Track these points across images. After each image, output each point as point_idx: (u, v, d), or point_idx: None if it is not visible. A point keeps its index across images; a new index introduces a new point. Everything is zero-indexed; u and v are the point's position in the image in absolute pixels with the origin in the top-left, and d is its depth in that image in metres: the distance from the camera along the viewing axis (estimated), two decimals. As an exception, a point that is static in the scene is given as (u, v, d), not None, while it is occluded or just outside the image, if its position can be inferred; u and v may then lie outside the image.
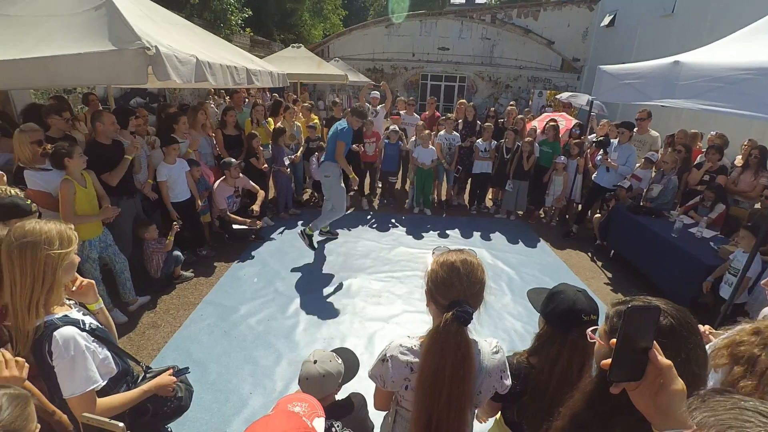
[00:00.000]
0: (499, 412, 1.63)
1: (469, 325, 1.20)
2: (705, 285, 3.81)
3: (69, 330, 1.35)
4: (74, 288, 1.55)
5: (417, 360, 1.26)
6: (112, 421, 0.79)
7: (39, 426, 0.99)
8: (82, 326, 1.42)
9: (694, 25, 12.18)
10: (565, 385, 1.28)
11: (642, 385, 0.74)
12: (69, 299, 1.55)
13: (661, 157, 5.81)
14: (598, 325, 1.38)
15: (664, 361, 0.73)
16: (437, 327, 1.20)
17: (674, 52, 4.57)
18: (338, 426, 1.66)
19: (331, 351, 1.81)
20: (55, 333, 1.32)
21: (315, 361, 1.68)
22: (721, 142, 5.71)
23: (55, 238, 1.36)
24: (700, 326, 0.99)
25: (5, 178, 3.17)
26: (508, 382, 1.34)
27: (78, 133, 4.40)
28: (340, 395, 1.87)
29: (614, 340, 0.74)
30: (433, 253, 1.35)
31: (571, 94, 12.04)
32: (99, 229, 3.52)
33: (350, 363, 1.83)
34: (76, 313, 1.47)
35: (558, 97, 12.92)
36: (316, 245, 5.00)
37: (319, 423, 0.95)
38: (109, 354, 1.49)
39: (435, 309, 1.28)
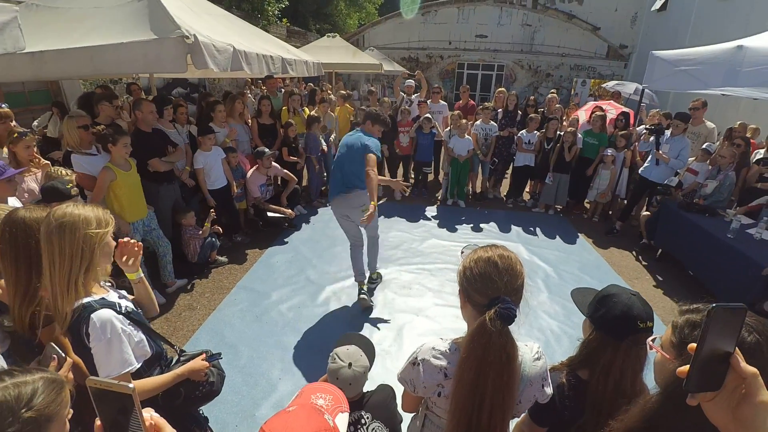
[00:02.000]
0: None
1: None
2: (766, 270, 3.50)
3: (106, 312, 1.37)
4: (119, 249, 1.56)
5: (451, 365, 1.17)
6: (122, 383, 0.77)
7: (72, 411, 0.99)
8: (118, 309, 1.44)
9: (757, 7, 11.18)
10: (619, 396, 1.16)
11: (719, 396, 0.64)
12: (107, 282, 1.59)
13: (717, 151, 5.37)
14: (652, 332, 1.26)
15: (749, 368, 0.63)
16: (479, 326, 1.08)
17: (734, 38, 4.18)
18: (368, 417, 1.63)
19: (346, 344, 1.78)
20: (92, 315, 1.35)
21: (350, 365, 1.66)
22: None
23: (92, 219, 1.39)
24: None
25: (51, 165, 3.33)
26: (550, 390, 1.23)
27: (122, 121, 4.57)
28: (369, 386, 1.84)
29: (693, 345, 0.65)
30: (462, 253, 1.25)
31: (617, 82, 11.31)
32: (143, 211, 3.64)
33: (369, 351, 1.82)
34: (113, 296, 1.50)
35: (604, 86, 12.23)
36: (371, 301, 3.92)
37: (343, 419, 0.90)
38: (144, 337, 1.51)
39: (472, 310, 1.17)
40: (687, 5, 14.78)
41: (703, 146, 5.22)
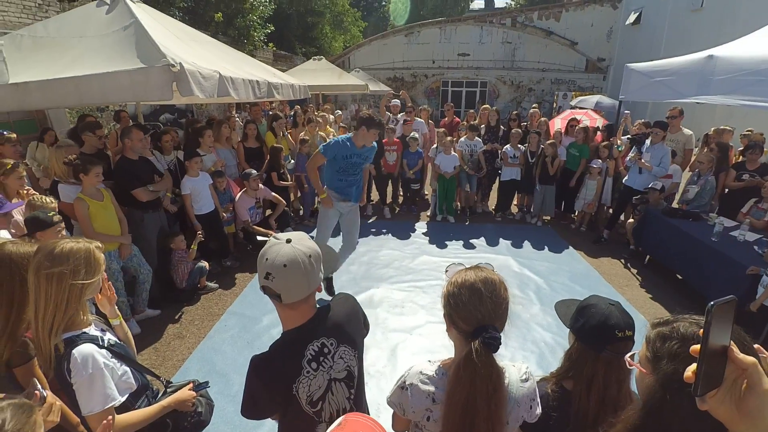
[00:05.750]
0: None
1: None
2: (751, 269, 3.57)
3: (87, 347, 1.35)
4: (100, 296, 1.57)
5: (438, 390, 1.16)
6: None
7: None
8: (100, 343, 1.42)
9: (725, 19, 11.69)
10: (606, 406, 1.17)
11: (721, 391, 0.63)
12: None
13: (695, 157, 5.51)
14: (633, 341, 1.27)
15: (747, 358, 0.62)
16: (466, 358, 1.08)
17: (705, 47, 4.35)
18: (332, 343, 1.31)
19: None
20: (73, 351, 1.33)
21: (289, 240, 1.19)
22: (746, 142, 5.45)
23: (81, 266, 1.37)
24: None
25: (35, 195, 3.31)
26: (539, 411, 1.22)
27: (108, 150, 4.56)
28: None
29: (696, 347, 0.63)
30: (447, 271, 1.23)
31: (579, 99, 11.91)
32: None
33: (325, 251, 1.43)
34: (94, 330, 1.47)
35: (573, 103, 12.71)
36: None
37: None
38: (128, 369, 1.48)
39: (456, 334, 1.16)
40: (660, 18, 15.38)
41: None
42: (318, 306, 1.35)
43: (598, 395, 1.21)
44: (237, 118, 9.21)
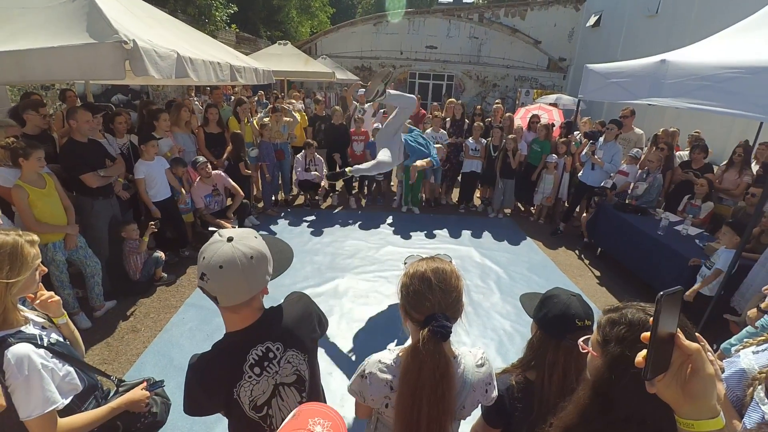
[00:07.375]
0: None
1: (453, 332, 1.14)
2: (692, 260, 3.86)
3: (22, 348, 1.26)
4: (37, 302, 1.46)
5: (395, 378, 1.19)
6: None
7: None
8: (39, 342, 1.32)
9: (678, 25, 12.36)
10: (566, 395, 1.23)
11: (668, 375, 0.68)
12: (30, 309, 1.46)
13: (645, 155, 5.85)
14: (592, 330, 1.34)
15: (692, 344, 0.67)
16: (413, 347, 1.12)
17: (659, 52, 4.59)
18: (278, 348, 1.23)
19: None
20: (6, 351, 1.24)
21: (230, 239, 1.10)
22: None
23: (5, 263, 1.27)
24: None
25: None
26: (494, 394, 1.27)
27: (53, 132, 4.24)
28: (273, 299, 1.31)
29: (647, 334, 0.67)
30: (405, 263, 1.26)
31: (557, 96, 12.42)
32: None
33: (280, 256, 1.32)
34: (32, 328, 1.37)
35: (539, 100, 13.18)
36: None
37: None
38: (71, 370, 1.39)
39: (412, 325, 1.20)
40: (618, 22, 16.05)
41: (630, 152, 5.69)
42: (266, 308, 1.29)
43: (559, 384, 1.26)
44: (196, 102, 8.81)
